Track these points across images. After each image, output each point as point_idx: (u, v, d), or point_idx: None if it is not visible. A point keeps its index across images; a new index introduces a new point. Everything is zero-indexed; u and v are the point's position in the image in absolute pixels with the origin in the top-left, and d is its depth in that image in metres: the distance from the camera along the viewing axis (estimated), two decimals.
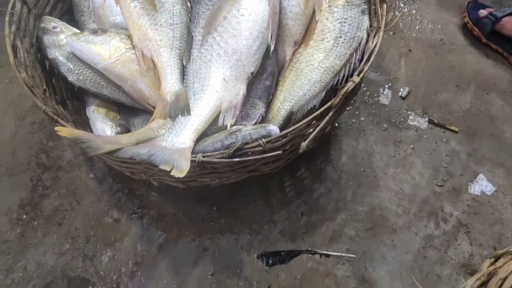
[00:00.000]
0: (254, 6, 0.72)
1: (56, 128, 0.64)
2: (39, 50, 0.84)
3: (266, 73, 0.77)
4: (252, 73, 0.74)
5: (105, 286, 0.84)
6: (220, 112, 0.74)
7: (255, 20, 0.73)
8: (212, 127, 0.74)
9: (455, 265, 0.84)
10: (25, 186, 0.96)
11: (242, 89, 0.73)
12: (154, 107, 0.78)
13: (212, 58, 0.74)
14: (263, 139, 0.62)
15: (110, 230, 0.91)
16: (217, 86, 0.73)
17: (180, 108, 0.72)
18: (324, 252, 0.86)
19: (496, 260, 0.58)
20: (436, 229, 0.89)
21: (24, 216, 0.92)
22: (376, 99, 1.05)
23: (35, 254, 0.88)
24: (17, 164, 0.99)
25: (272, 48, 0.75)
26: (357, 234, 0.89)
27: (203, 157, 0.61)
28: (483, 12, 1.11)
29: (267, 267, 0.85)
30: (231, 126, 0.73)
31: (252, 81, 0.76)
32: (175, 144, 0.67)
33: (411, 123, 1.02)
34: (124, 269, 0.86)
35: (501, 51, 1.10)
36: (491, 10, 1.11)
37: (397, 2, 1.21)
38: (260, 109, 0.75)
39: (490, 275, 0.55)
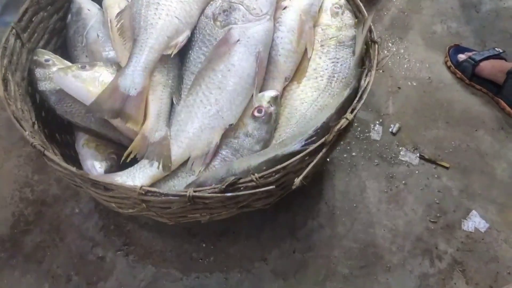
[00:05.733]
0: (242, 63, 0.74)
1: None
2: (30, 83, 0.83)
3: (260, 138, 0.76)
4: (230, 125, 0.75)
5: None
6: (188, 158, 0.75)
7: (241, 76, 0.74)
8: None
9: None
10: (6, 221, 0.92)
11: (215, 139, 0.74)
12: None
13: (194, 104, 0.75)
14: (255, 174, 0.61)
15: (94, 268, 0.87)
16: (190, 133, 0.74)
17: (159, 155, 0.73)
18: None
19: None
20: (431, 267, 0.87)
21: (2, 254, 0.88)
22: (367, 134, 1.06)
23: None
24: None
25: (255, 105, 0.76)
26: (351, 273, 0.86)
27: (195, 191, 0.60)
28: (461, 57, 1.16)
29: None
30: (199, 173, 0.74)
31: (242, 142, 0.75)
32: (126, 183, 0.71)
33: (403, 159, 1.02)
34: None
35: (485, 91, 1.13)
36: (470, 54, 1.15)
37: (385, 41, 1.25)
38: None
39: None
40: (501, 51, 1.14)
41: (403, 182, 0.98)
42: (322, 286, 0.84)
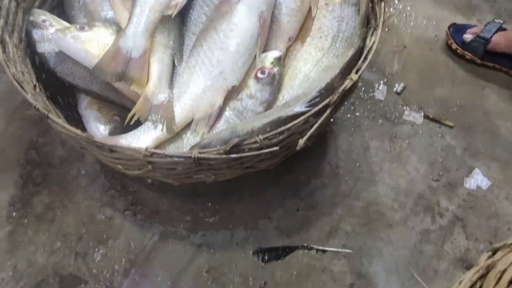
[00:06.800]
0: (244, 23, 0.72)
1: None
2: (29, 45, 0.82)
3: (263, 99, 0.75)
4: (233, 87, 0.74)
5: (98, 284, 0.83)
6: (192, 120, 0.75)
7: (244, 37, 0.73)
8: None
9: (452, 259, 0.85)
10: (15, 183, 0.94)
11: (218, 100, 0.74)
12: None
13: (197, 65, 0.74)
14: (259, 136, 0.61)
15: (103, 227, 0.89)
16: (193, 95, 0.74)
17: (163, 117, 0.72)
18: (320, 247, 0.86)
19: (493, 254, 0.58)
20: (432, 224, 0.89)
21: (14, 213, 0.90)
22: (371, 94, 1.05)
23: (25, 253, 0.86)
24: (6, 161, 0.96)
25: (258, 66, 0.74)
26: (353, 230, 0.88)
27: (199, 153, 0.60)
28: (468, 37, 1.07)
29: (263, 263, 0.85)
30: (203, 135, 0.74)
31: (245, 103, 0.75)
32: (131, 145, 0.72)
33: (407, 118, 1.02)
34: (117, 267, 0.85)
35: (499, 67, 1.07)
36: (473, 31, 1.07)
37: None
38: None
39: (489, 268, 0.55)
40: (501, 21, 1.06)
41: (407, 141, 0.99)
42: (325, 242, 0.86)
